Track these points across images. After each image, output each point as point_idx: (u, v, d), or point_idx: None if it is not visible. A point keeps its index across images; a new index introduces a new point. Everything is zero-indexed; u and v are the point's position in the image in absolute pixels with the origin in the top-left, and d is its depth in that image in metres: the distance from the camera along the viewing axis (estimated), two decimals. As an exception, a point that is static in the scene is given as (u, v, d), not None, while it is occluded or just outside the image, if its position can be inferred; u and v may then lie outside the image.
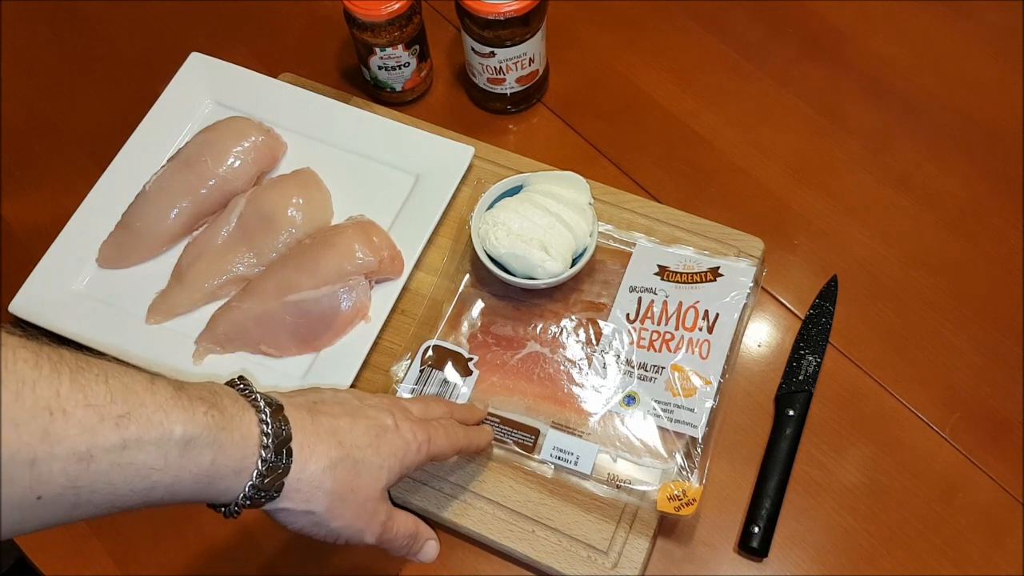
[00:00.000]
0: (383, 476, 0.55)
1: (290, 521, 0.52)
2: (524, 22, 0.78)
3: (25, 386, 0.40)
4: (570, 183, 0.74)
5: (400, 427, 0.57)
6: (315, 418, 0.53)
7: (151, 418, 0.44)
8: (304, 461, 0.51)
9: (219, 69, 0.87)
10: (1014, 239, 0.79)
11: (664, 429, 0.68)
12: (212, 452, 0.47)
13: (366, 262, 0.73)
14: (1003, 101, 0.86)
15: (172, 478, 0.45)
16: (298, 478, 0.50)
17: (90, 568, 0.70)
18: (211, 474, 0.47)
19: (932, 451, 0.71)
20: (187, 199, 0.78)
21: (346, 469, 0.53)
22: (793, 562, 0.68)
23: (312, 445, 0.51)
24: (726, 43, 0.91)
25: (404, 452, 0.56)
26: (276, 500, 0.50)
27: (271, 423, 0.50)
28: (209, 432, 0.47)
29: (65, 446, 0.41)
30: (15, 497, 0.40)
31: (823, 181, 0.83)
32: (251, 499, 0.49)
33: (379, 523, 0.56)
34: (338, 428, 0.54)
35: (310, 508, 0.52)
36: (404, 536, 0.58)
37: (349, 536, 0.55)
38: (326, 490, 0.52)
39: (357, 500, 0.53)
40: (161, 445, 0.44)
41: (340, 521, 0.53)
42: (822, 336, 0.75)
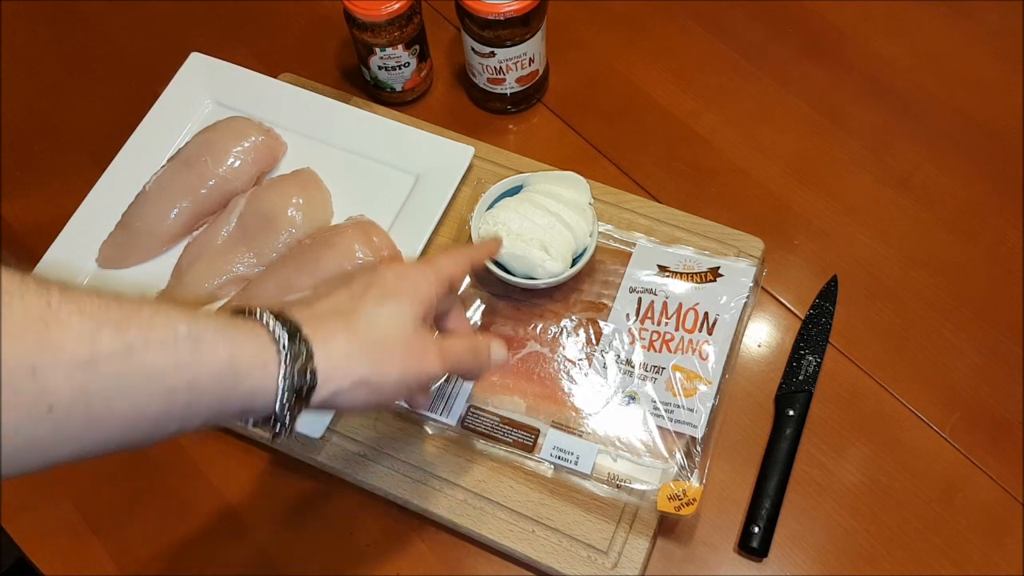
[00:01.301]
0: (405, 313, 0.53)
1: (351, 401, 0.51)
2: (524, 22, 0.78)
3: (13, 297, 0.39)
4: (570, 183, 0.74)
5: (394, 269, 0.56)
6: (313, 308, 0.52)
7: (151, 321, 0.43)
8: (323, 342, 0.49)
9: (219, 69, 0.87)
10: (1014, 239, 0.79)
11: (664, 429, 0.68)
12: (227, 346, 0.45)
13: (366, 262, 0.73)
14: (1003, 101, 0.86)
15: (190, 378, 0.44)
16: (327, 358, 0.49)
17: (90, 568, 0.70)
18: (234, 371, 0.45)
19: (932, 451, 0.71)
20: (187, 199, 0.78)
21: (363, 326, 0.51)
22: (793, 562, 0.68)
23: (323, 327, 0.50)
24: (726, 43, 0.91)
25: (412, 286, 0.55)
26: (320, 388, 0.48)
27: (273, 320, 0.48)
28: (216, 328, 0.45)
29: (66, 354, 0.40)
30: (24, 408, 0.39)
31: (823, 181, 0.83)
32: (296, 392, 0.47)
33: (435, 351, 0.54)
34: (337, 304, 0.52)
35: (359, 377, 0.50)
36: (465, 353, 0.57)
37: (417, 379, 0.53)
38: (360, 354, 0.50)
39: (395, 346, 0.52)
40: (168, 344, 0.43)
41: (394, 373, 0.52)
42: (822, 336, 0.75)
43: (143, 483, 0.73)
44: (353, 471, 0.70)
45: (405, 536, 0.70)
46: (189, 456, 0.74)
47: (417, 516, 0.70)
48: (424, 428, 0.71)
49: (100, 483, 0.73)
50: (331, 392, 0.49)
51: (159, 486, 0.73)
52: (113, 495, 0.73)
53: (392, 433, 0.71)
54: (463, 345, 0.58)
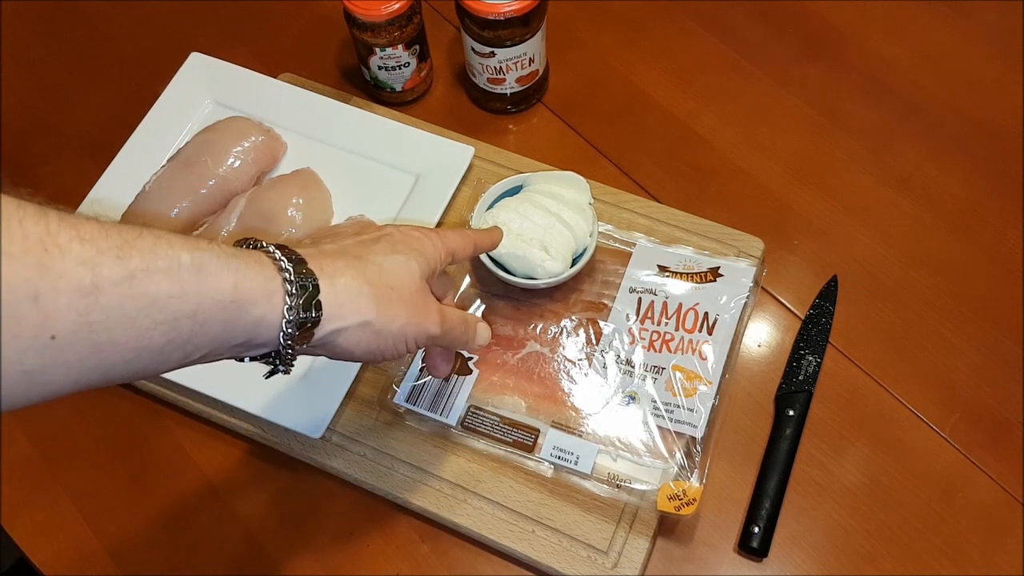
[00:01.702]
0: (413, 267, 0.54)
1: (353, 342, 0.51)
2: (524, 22, 0.78)
3: (12, 221, 0.37)
4: (570, 183, 0.74)
5: (402, 229, 0.57)
6: (319, 245, 0.52)
7: (153, 248, 0.42)
8: (330, 277, 0.49)
9: (219, 69, 0.87)
10: (1014, 239, 0.79)
11: (664, 429, 0.68)
12: (231, 275, 0.45)
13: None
14: (1003, 101, 0.86)
15: (194, 305, 0.43)
16: (334, 293, 0.49)
17: (90, 568, 0.70)
18: (239, 301, 0.45)
19: (932, 451, 0.71)
20: (187, 199, 0.78)
21: (374, 272, 0.51)
22: (793, 562, 0.68)
23: (330, 264, 0.50)
24: (726, 43, 0.91)
25: (420, 245, 0.56)
26: (324, 323, 0.48)
27: (278, 252, 0.48)
28: (220, 258, 0.45)
29: (67, 280, 0.38)
30: (26, 336, 0.38)
31: (823, 181, 0.83)
32: (299, 325, 0.47)
33: (435, 311, 0.55)
34: (345, 247, 0.53)
35: (363, 318, 0.50)
36: (459, 323, 0.58)
37: (416, 334, 0.53)
38: (367, 295, 0.50)
39: (403, 296, 0.52)
40: (171, 272, 0.42)
41: (399, 320, 0.52)
42: (822, 336, 0.75)
43: (143, 483, 0.73)
44: (353, 471, 0.70)
45: (405, 536, 0.70)
46: (189, 456, 0.74)
47: (417, 516, 0.70)
48: (424, 428, 0.71)
49: (100, 483, 0.73)
50: (335, 329, 0.49)
51: (159, 486, 0.73)
52: (113, 495, 0.73)
53: (392, 433, 0.71)
54: (459, 315, 0.59)
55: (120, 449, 0.74)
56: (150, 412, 0.76)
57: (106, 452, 0.74)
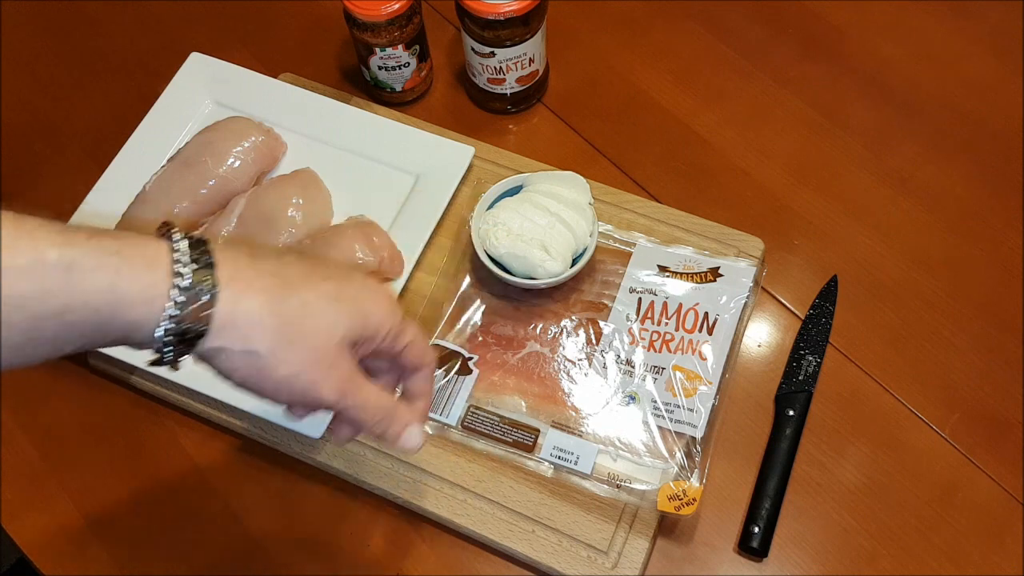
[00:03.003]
0: (342, 322, 0.49)
1: (231, 367, 0.47)
2: (524, 22, 0.78)
3: None
4: (570, 183, 0.74)
5: (368, 284, 0.52)
6: (256, 260, 0.48)
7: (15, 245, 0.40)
8: (237, 293, 0.45)
9: (219, 69, 0.87)
10: (1014, 239, 0.79)
11: (664, 429, 0.68)
12: (107, 275, 0.42)
13: (366, 262, 0.73)
14: (1003, 101, 0.86)
15: (59, 306, 0.41)
16: (231, 311, 0.45)
17: (90, 568, 0.70)
18: (112, 301, 0.42)
19: (932, 451, 0.71)
20: (187, 199, 0.78)
21: (294, 310, 0.47)
22: (793, 562, 0.68)
23: (248, 280, 0.46)
24: (726, 43, 0.91)
25: (370, 307, 0.51)
26: (208, 337, 0.45)
27: (187, 251, 0.45)
28: (96, 256, 0.42)
29: None
30: None
31: (823, 181, 0.83)
32: (177, 334, 0.44)
33: (339, 378, 0.49)
34: (287, 270, 0.48)
35: (250, 347, 0.46)
36: (375, 409, 0.52)
37: (303, 388, 0.48)
38: (269, 328, 0.46)
39: (310, 346, 0.48)
40: (31, 271, 0.40)
41: (288, 367, 0.47)
42: (822, 336, 0.75)
43: (143, 483, 0.73)
44: (353, 471, 0.70)
45: (405, 536, 0.70)
46: (189, 456, 0.74)
47: (417, 516, 0.70)
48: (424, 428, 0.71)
49: (100, 483, 0.73)
50: (217, 347, 0.46)
51: (159, 486, 0.73)
52: (113, 495, 0.73)
53: (392, 433, 0.71)
54: (379, 401, 0.52)
55: (120, 449, 0.74)
56: (150, 412, 0.76)
57: (106, 452, 0.74)
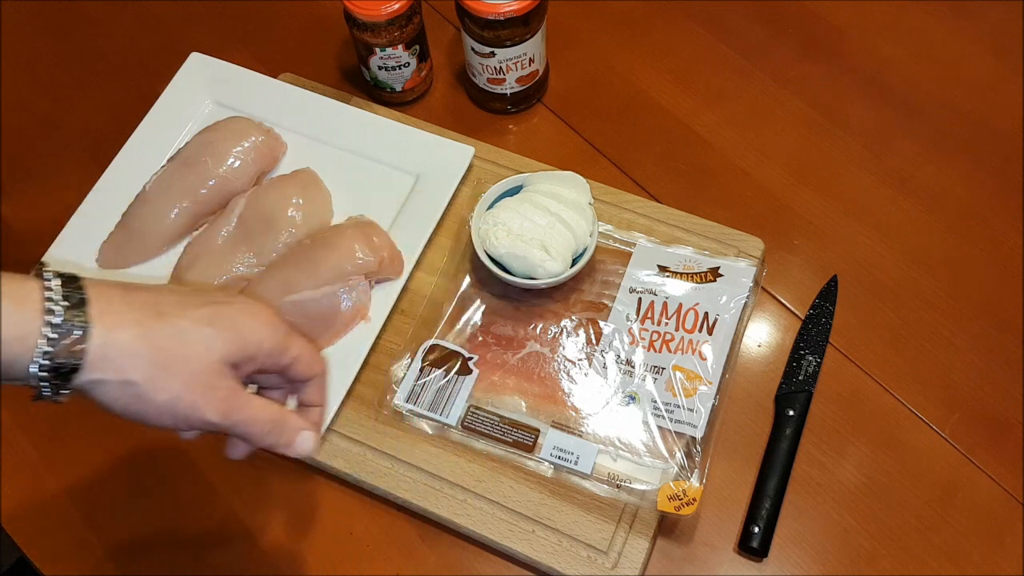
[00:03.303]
0: (217, 345, 0.50)
1: (111, 398, 0.49)
2: (524, 22, 0.78)
3: None
4: (570, 183, 0.74)
5: (249, 307, 0.53)
6: (129, 293, 0.50)
7: None
8: (109, 327, 0.47)
9: (219, 69, 0.87)
10: (1014, 239, 0.79)
11: (664, 429, 0.68)
12: None
13: (366, 262, 0.73)
14: (1003, 101, 0.86)
15: None
16: (103, 343, 0.47)
17: (90, 568, 0.70)
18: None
19: (932, 451, 0.71)
20: (187, 199, 0.78)
21: (165, 336, 0.49)
22: (793, 562, 0.68)
23: (119, 313, 0.48)
24: (726, 43, 0.91)
25: (249, 328, 0.52)
26: (83, 371, 0.47)
27: (59, 289, 0.47)
28: None
29: None
30: None
31: (823, 181, 0.83)
32: (51, 370, 0.46)
33: (219, 398, 0.51)
34: (160, 301, 0.50)
35: (127, 378, 0.48)
36: (263, 422, 0.53)
37: (186, 413, 0.50)
38: (143, 357, 0.48)
39: (186, 371, 0.49)
40: None
41: (167, 394, 0.49)
42: (822, 336, 0.75)
43: (143, 483, 0.73)
44: (353, 471, 0.70)
45: (405, 536, 0.70)
46: (189, 456, 0.74)
47: (417, 516, 0.70)
48: (424, 428, 0.71)
49: (100, 483, 0.73)
50: (94, 380, 0.48)
51: (159, 486, 0.73)
52: (113, 495, 0.73)
53: (392, 433, 0.71)
54: (265, 414, 0.53)
55: (120, 449, 0.74)
56: (150, 412, 0.75)
57: (106, 452, 0.74)
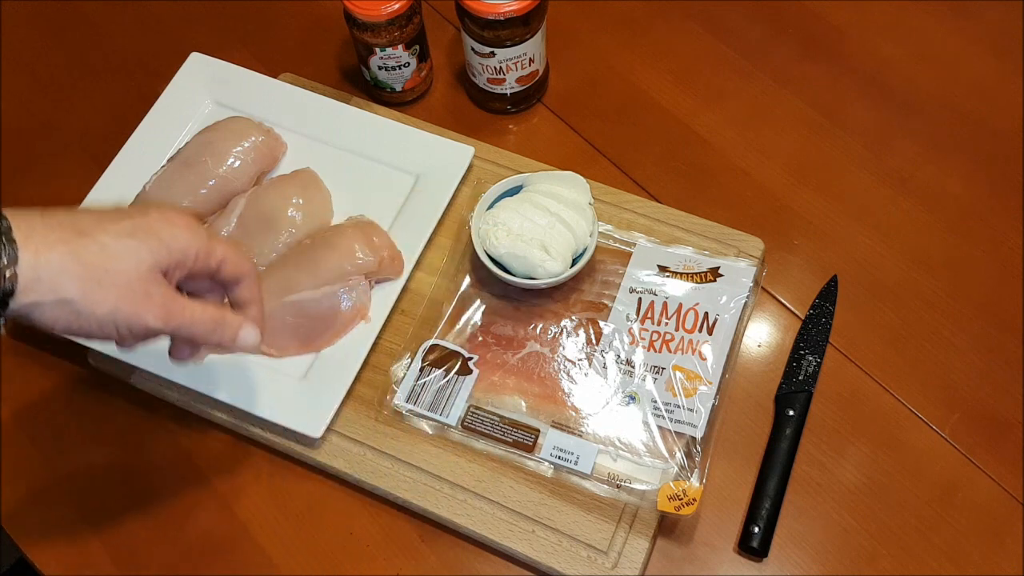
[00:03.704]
0: (144, 255, 0.52)
1: (50, 318, 0.50)
2: (524, 22, 0.78)
3: None
4: (570, 183, 0.74)
5: (165, 215, 0.54)
6: (47, 216, 0.51)
7: None
8: (35, 250, 0.49)
9: (219, 69, 0.87)
10: (1014, 239, 0.79)
11: (664, 429, 0.68)
12: None
13: (366, 262, 0.73)
14: (1003, 101, 0.86)
15: None
16: (33, 266, 0.48)
17: (90, 568, 0.70)
18: None
19: (932, 451, 0.71)
20: (187, 199, 0.78)
21: (92, 252, 0.50)
22: (793, 562, 0.68)
23: (43, 234, 0.49)
24: (726, 43, 0.91)
25: (171, 235, 0.53)
26: (19, 295, 0.48)
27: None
28: None
29: None
30: None
31: (823, 181, 0.83)
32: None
33: (157, 304, 0.52)
34: (78, 220, 0.51)
35: (61, 296, 0.49)
36: (204, 321, 0.55)
37: (128, 322, 0.52)
38: (73, 274, 0.50)
39: (118, 282, 0.51)
40: None
41: (104, 306, 0.51)
42: (822, 336, 0.75)
43: (143, 483, 0.73)
44: (353, 471, 0.70)
45: (405, 536, 0.70)
46: (189, 456, 0.74)
47: (417, 516, 0.70)
48: (424, 428, 0.71)
49: (100, 483, 0.73)
50: (30, 303, 0.49)
51: (159, 486, 0.73)
52: (113, 495, 0.73)
53: (392, 433, 0.71)
54: (205, 314, 0.56)
55: (120, 449, 0.74)
56: (150, 412, 0.76)
57: (106, 452, 0.74)
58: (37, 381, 0.78)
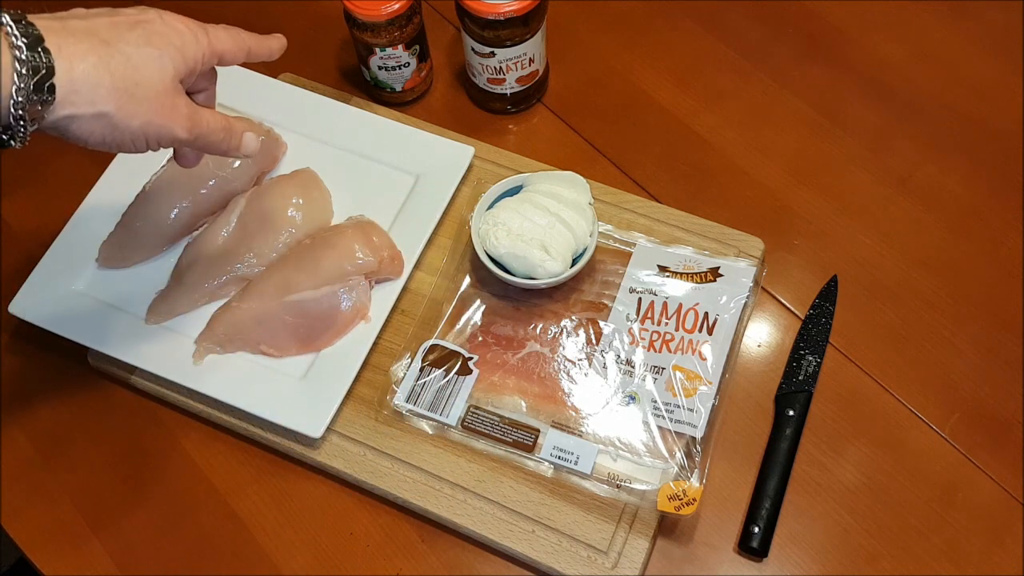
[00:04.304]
0: (167, 66, 0.52)
1: (86, 131, 0.50)
2: (524, 22, 0.78)
3: None
4: (570, 183, 0.74)
5: (165, 18, 0.55)
6: (65, 22, 0.50)
7: None
8: (68, 60, 0.48)
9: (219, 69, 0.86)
10: (1014, 239, 0.79)
11: (664, 429, 0.68)
12: None
13: (366, 262, 0.73)
14: (1003, 101, 0.86)
15: None
16: (70, 79, 0.48)
17: (90, 568, 0.70)
18: None
19: (932, 451, 0.71)
20: (187, 199, 0.78)
21: (120, 63, 0.50)
22: (793, 562, 0.68)
23: (71, 45, 0.48)
24: (726, 43, 0.91)
25: (181, 42, 0.54)
26: (56, 107, 0.48)
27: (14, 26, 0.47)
28: None
29: None
30: None
31: (823, 181, 0.83)
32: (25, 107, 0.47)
33: (184, 115, 0.54)
34: (95, 27, 0.51)
35: (99, 110, 0.49)
36: (217, 130, 0.57)
37: (158, 135, 0.53)
38: (108, 86, 0.49)
39: (148, 95, 0.51)
40: None
41: (139, 119, 0.51)
42: (822, 336, 0.75)
43: (143, 483, 0.73)
44: (353, 471, 0.70)
45: (405, 536, 0.70)
46: (189, 456, 0.74)
47: (417, 516, 0.70)
48: (424, 428, 0.71)
49: (100, 483, 0.73)
50: (67, 115, 0.49)
51: (159, 486, 0.73)
52: (113, 495, 0.73)
53: (392, 433, 0.71)
54: (218, 122, 0.58)
55: (120, 449, 0.74)
56: (150, 412, 0.76)
57: (106, 452, 0.74)
58: (37, 381, 0.78)
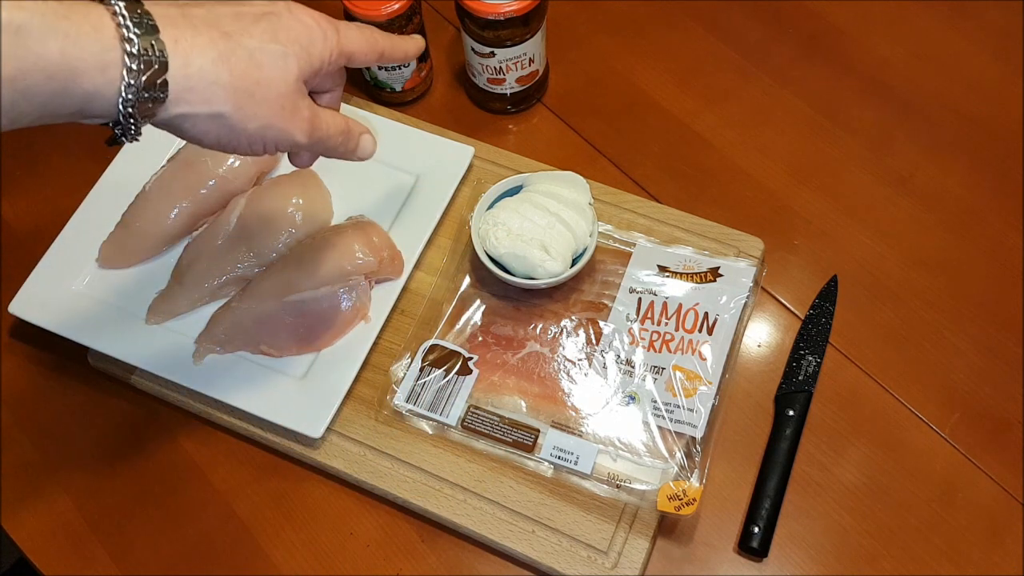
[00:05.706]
0: (291, 65, 0.49)
1: (202, 131, 0.47)
2: (524, 22, 0.78)
3: None
4: (570, 183, 0.74)
5: (294, 11, 0.51)
6: (185, 10, 0.47)
7: None
8: (185, 55, 0.45)
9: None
10: (1014, 239, 0.79)
11: (664, 429, 0.68)
12: (57, 41, 0.41)
13: (366, 262, 0.73)
14: (1003, 101, 0.86)
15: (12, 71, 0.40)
16: (185, 75, 0.45)
17: (90, 568, 0.70)
18: (66, 69, 0.41)
19: (932, 451, 0.71)
20: (187, 199, 0.78)
21: (242, 60, 0.47)
22: (793, 562, 0.68)
23: (189, 37, 0.45)
24: (726, 43, 0.91)
25: (308, 39, 0.50)
26: (169, 105, 0.45)
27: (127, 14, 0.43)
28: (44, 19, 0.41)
29: None
30: None
31: (823, 181, 0.83)
32: (136, 104, 0.44)
33: (305, 119, 0.51)
34: (217, 17, 0.47)
35: (215, 110, 0.46)
36: (337, 133, 0.54)
37: (277, 139, 0.50)
38: (225, 85, 0.46)
39: (269, 96, 0.48)
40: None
41: (257, 121, 0.48)
42: (822, 336, 0.75)
43: (143, 483, 0.73)
44: (353, 471, 0.70)
45: (405, 536, 0.70)
46: (189, 456, 0.74)
47: (417, 516, 0.70)
48: (424, 428, 0.71)
49: (100, 483, 0.73)
50: (180, 114, 0.46)
51: (159, 486, 0.73)
52: (113, 495, 0.73)
53: (392, 433, 0.71)
54: (338, 125, 0.55)
55: (120, 449, 0.74)
56: (150, 412, 0.76)
57: (106, 452, 0.74)
58: (37, 381, 0.78)
